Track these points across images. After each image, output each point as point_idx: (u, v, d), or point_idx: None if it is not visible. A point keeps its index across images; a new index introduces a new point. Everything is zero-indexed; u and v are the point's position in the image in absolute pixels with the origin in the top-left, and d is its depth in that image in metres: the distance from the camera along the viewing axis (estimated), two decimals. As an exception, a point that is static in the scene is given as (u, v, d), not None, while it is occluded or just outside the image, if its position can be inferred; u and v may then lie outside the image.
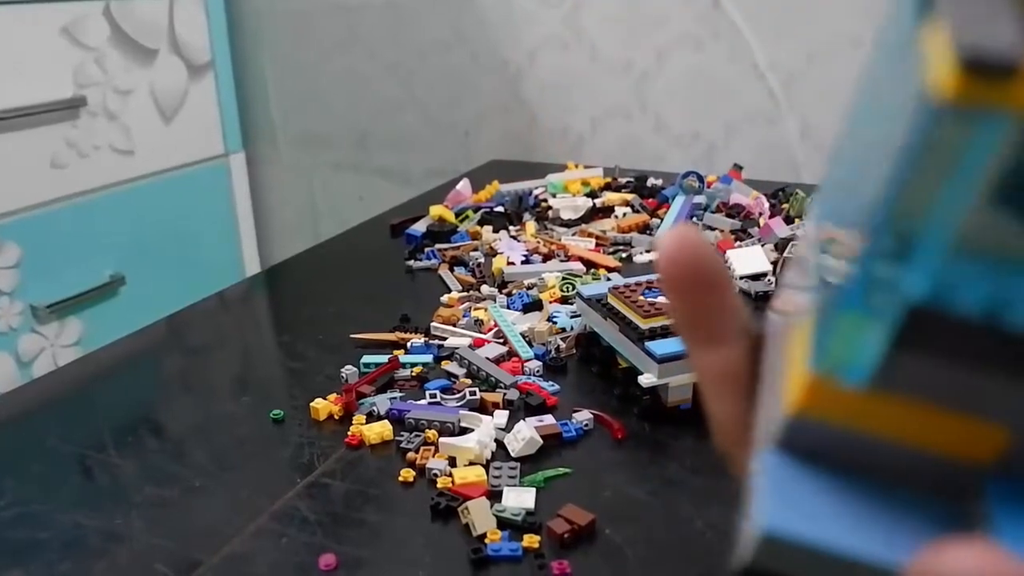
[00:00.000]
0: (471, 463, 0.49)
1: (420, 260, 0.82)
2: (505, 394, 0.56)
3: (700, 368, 0.19)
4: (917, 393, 0.14)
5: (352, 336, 0.65)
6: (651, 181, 1.01)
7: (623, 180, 1.02)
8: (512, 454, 0.50)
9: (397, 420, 0.54)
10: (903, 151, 0.12)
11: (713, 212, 0.88)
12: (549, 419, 0.52)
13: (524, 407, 0.55)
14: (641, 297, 0.55)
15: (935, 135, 0.11)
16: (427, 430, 0.52)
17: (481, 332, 0.65)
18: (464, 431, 0.52)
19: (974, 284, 0.12)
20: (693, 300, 0.18)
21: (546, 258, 0.81)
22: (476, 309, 0.69)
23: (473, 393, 0.55)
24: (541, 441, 0.50)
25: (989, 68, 0.10)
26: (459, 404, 0.55)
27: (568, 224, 0.89)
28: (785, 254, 0.72)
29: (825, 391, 0.14)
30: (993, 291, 0.12)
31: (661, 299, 0.55)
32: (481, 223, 0.90)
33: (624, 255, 0.81)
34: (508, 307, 0.69)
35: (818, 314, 0.15)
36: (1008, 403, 0.13)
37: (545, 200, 0.95)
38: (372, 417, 0.55)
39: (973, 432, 0.14)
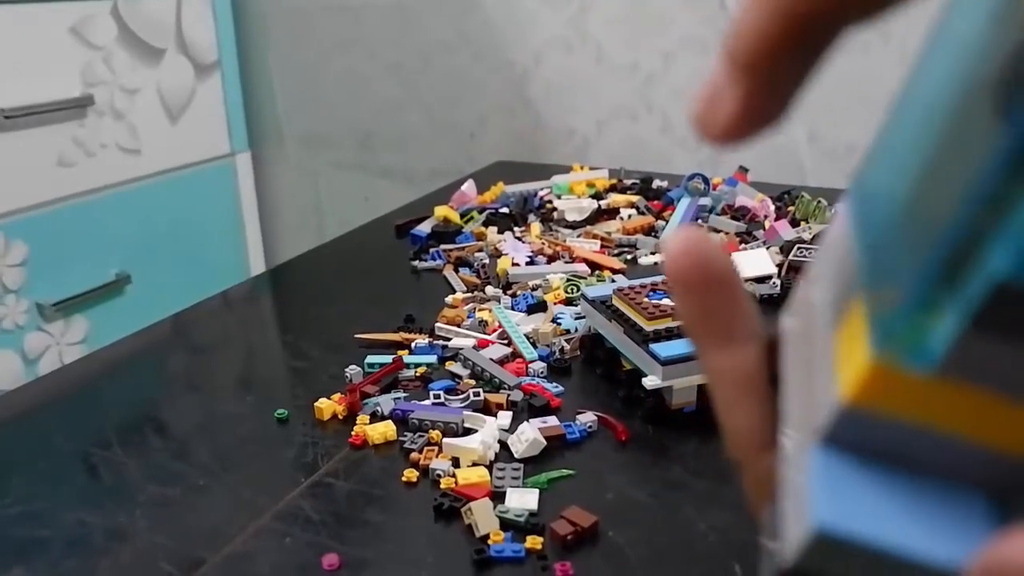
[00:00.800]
0: (474, 464, 0.49)
1: (425, 261, 0.82)
2: (509, 395, 0.56)
3: (713, 372, 0.18)
4: (987, 382, 0.13)
5: (356, 336, 0.66)
6: (656, 183, 1.01)
7: (628, 182, 1.02)
8: (515, 455, 0.50)
9: (401, 420, 0.54)
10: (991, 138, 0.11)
11: (718, 214, 0.88)
12: (553, 420, 0.52)
13: (528, 408, 0.55)
14: (646, 299, 0.55)
15: None
16: (431, 431, 0.52)
17: (485, 333, 0.65)
18: (468, 432, 0.52)
19: None
20: (702, 299, 0.17)
21: (551, 259, 0.81)
22: (480, 310, 0.69)
23: (477, 394, 0.55)
24: (544, 442, 0.50)
25: None
26: (463, 405, 0.55)
27: (573, 225, 0.89)
28: (791, 257, 0.72)
29: (887, 377, 0.13)
30: None
31: (666, 301, 0.55)
32: (486, 224, 0.90)
33: (629, 257, 0.81)
34: (512, 308, 0.69)
35: (876, 302, 0.14)
36: None
37: (550, 201, 0.95)
38: (376, 417, 0.55)
39: None
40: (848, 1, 0.15)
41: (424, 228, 0.88)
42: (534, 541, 0.42)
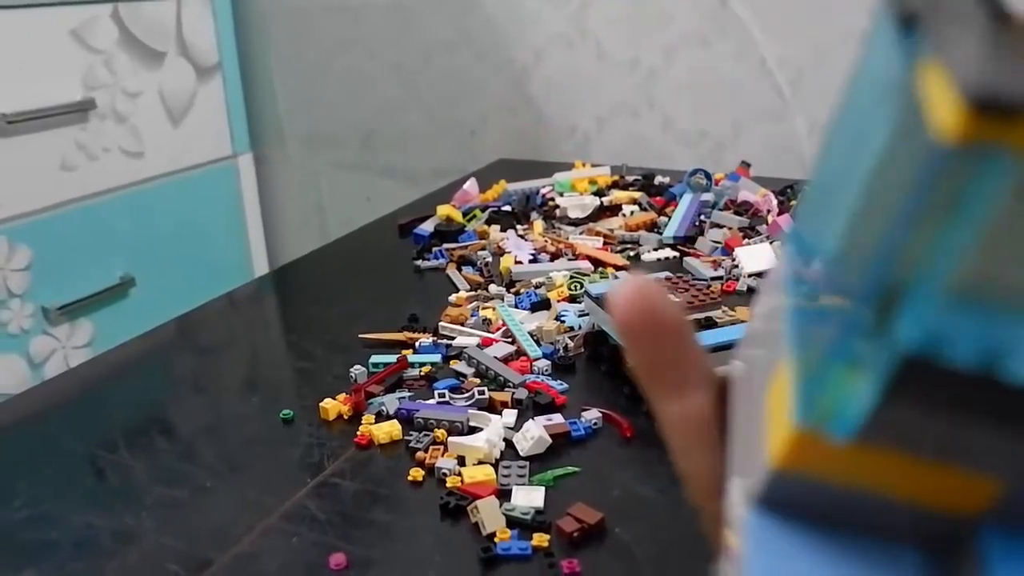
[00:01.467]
0: (480, 462, 0.49)
1: (428, 260, 0.82)
2: (514, 393, 0.56)
3: (667, 420, 0.18)
4: (907, 446, 0.13)
5: (361, 336, 0.66)
6: (659, 179, 1.01)
7: (630, 178, 1.02)
8: (521, 453, 0.50)
9: (406, 420, 0.54)
10: (903, 196, 0.11)
11: (721, 209, 0.88)
12: (558, 418, 0.52)
13: (533, 406, 0.55)
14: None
15: (939, 176, 0.11)
16: (436, 429, 0.52)
17: (489, 331, 0.65)
18: (473, 430, 0.52)
19: (970, 333, 0.12)
20: (653, 349, 0.17)
21: (554, 257, 0.81)
22: (484, 308, 0.69)
23: (482, 392, 0.56)
24: (550, 440, 0.50)
25: (997, 105, 0.10)
26: (468, 403, 0.55)
27: (576, 223, 0.89)
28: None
29: (810, 445, 0.14)
30: (990, 341, 0.12)
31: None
32: (489, 222, 0.90)
33: (632, 253, 0.81)
34: (516, 306, 0.70)
35: (799, 362, 0.14)
36: (1002, 454, 0.13)
37: (552, 199, 0.95)
38: (381, 417, 0.55)
39: (964, 484, 0.13)
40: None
41: (427, 227, 0.88)
42: (541, 539, 0.42)
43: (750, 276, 0.73)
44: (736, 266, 0.75)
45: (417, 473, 0.49)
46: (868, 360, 0.13)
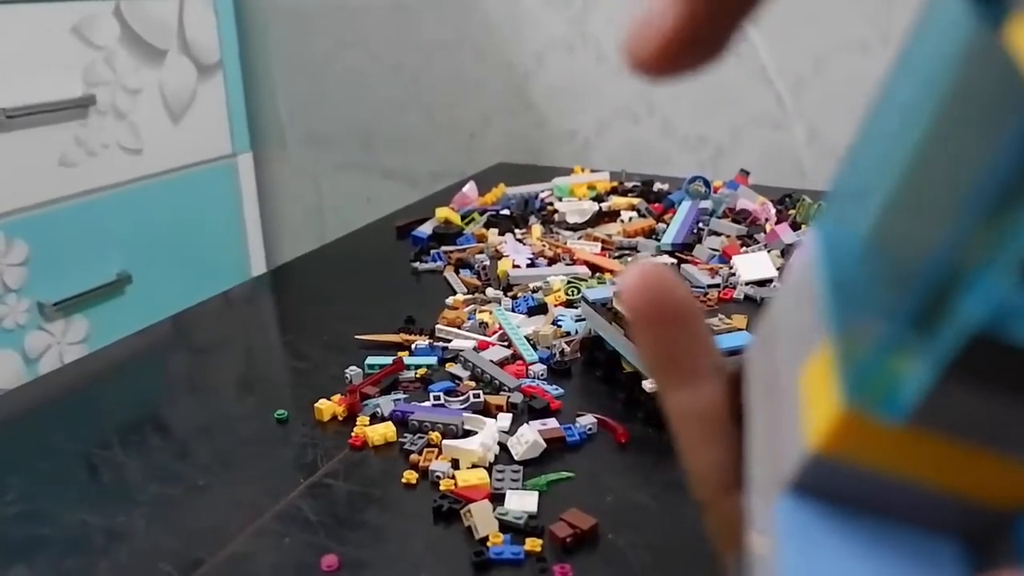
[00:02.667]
0: (474, 466, 0.49)
1: (425, 262, 0.82)
2: (509, 397, 0.56)
3: (676, 410, 0.17)
4: (961, 431, 0.13)
5: (357, 337, 0.66)
6: (657, 185, 1.01)
7: (629, 184, 1.02)
8: (515, 457, 0.50)
9: (401, 422, 0.54)
10: (982, 166, 0.11)
11: (719, 217, 0.88)
12: (552, 423, 0.52)
13: (528, 410, 0.55)
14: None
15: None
16: (430, 432, 0.52)
17: (486, 335, 0.65)
18: (467, 434, 0.52)
19: None
20: (662, 336, 0.16)
21: (551, 261, 0.81)
22: (481, 312, 0.69)
23: (477, 396, 0.55)
24: (544, 444, 0.50)
25: None
26: (463, 406, 0.55)
27: (574, 228, 0.89)
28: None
29: (857, 427, 0.13)
30: None
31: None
32: (487, 226, 0.90)
33: (630, 259, 0.81)
34: (513, 310, 0.70)
35: (845, 346, 0.14)
36: None
37: (551, 203, 0.95)
38: (376, 418, 0.55)
39: (1010, 472, 0.13)
40: None
41: (425, 229, 0.88)
42: (533, 543, 0.42)
43: (748, 284, 0.73)
44: (734, 274, 0.75)
45: (411, 475, 0.48)
46: (925, 341, 0.12)
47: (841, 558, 0.13)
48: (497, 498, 0.46)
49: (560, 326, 0.65)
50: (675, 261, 0.81)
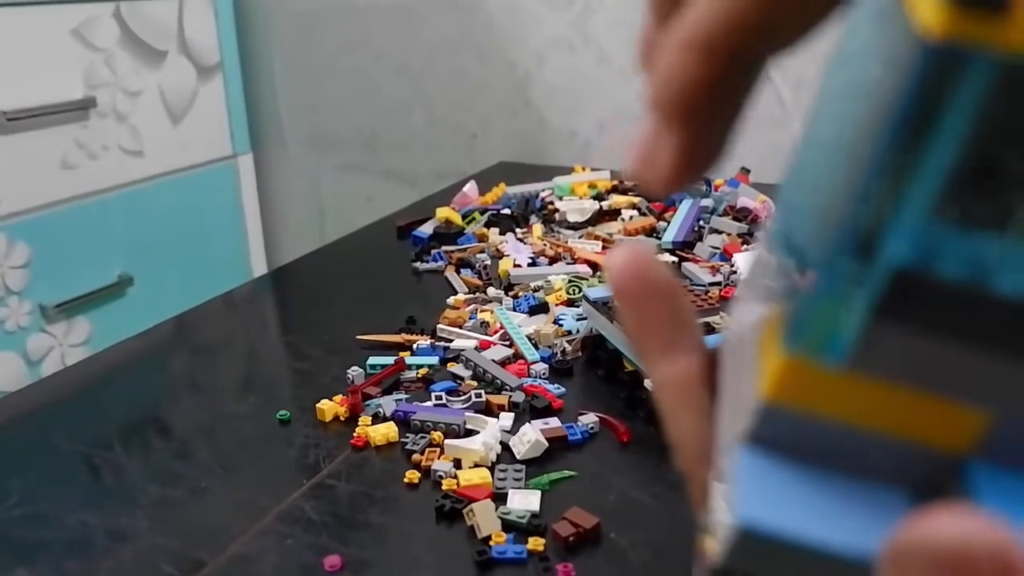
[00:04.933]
0: (476, 465, 0.49)
1: (426, 262, 0.82)
2: (511, 396, 0.56)
3: (658, 381, 0.18)
4: (897, 373, 0.13)
5: (358, 337, 0.66)
6: (658, 184, 1.01)
7: (630, 183, 1.02)
8: (517, 456, 0.50)
9: (403, 422, 0.54)
10: (890, 100, 0.11)
11: (720, 215, 0.88)
12: (555, 422, 0.52)
13: (530, 409, 0.55)
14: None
15: (924, 77, 0.11)
16: (432, 432, 0.52)
17: (487, 334, 0.65)
18: (469, 433, 0.52)
19: (957, 247, 0.12)
20: (645, 310, 0.18)
21: (552, 261, 0.81)
22: (482, 311, 0.69)
23: (479, 395, 0.55)
24: (546, 444, 0.50)
25: (980, 3, 0.10)
26: (465, 406, 0.55)
27: (575, 227, 0.89)
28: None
29: (801, 374, 0.14)
30: (977, 255, 0.12)
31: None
32: (488, 225, 0.90)
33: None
34: (514, 309, 0.69)
35: (789, 300, 0.14)
36: (990, 382, 0.13)
37: (552, 203, 0.95)
38: (378, 418, 0.55)
39: (953, 416, 0.13)
40: (770, 30, 0.15)
41: (426, 229, 0.88)
42: (536, 542, 0.42)
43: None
44: (735, 272, 0.75)
45: (413, 475, 0.48)
46: (861, 278, 0.13)
47: (793, 502, 0.14)
48: (499, 497, 0.46)
49: (561, 325, 0.65)
50: (676, 259, 0.81)
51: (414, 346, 0.64)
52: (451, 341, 0.64)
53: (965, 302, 0.12)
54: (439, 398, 0.56)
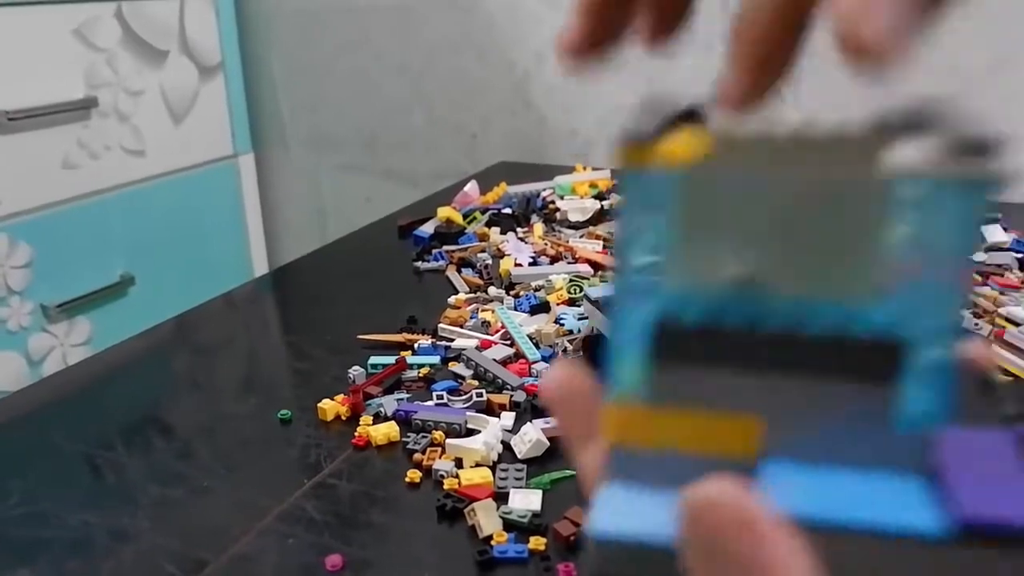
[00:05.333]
0: (477, 464, 0.49)
1: (427, 261, 0.82)
2: (512, 396, 0.56)
3: (581, 465, 0.21)
4: (686, 402, 0.17)
5: (359, 337, 0.66)
6: (659, 183, 1.01)
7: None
8: (518, 456, 0.50)
9: (404, 421, 0.54)
10: (618, 216, 0.17)
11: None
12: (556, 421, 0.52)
13: (531, 409, 0.55)
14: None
15: (626, 194, 0.17)
16: (434, 431, 0.52)
17: (488, 334, 0.65)
18: (471, 432, 0.52)
19: (694, 304, 0.17)
20: (572, 413, 0.21)
21: (553, 260, 0.81)
22: (483, 311, 0.69)
23: (480, 395, 0.55)
24: (548, 443, 0.50)
25: (635, 140, 0.16)
26: (466, 406, 0.55)
27: (576, 226, 0.89)
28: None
29: (625, 417, 0.18)
30: (707, 307, 0.17)
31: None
32: (489, 225, 0.90)
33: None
34: (515, 309, 0.69)
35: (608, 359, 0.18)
36: (750, 393, 0.17)
37: (553, 202, 0.95)
38: (379, 418, 0.55)
39: (735, 427, 0.17)
40: None
41: (427, 229, 0.88)
42: (537, 542, 0.42)
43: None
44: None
45: (414, 475, 0.48)
46: (637, 334, 0.17)
47: (636, 514, 0.17)
48: (501, 497, 0.46)
49: (563, 324, 0.65)
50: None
51: (415, 345, 0.64)
52: (452, 340, 0.64)
53: (710, 337, 0.17)
54: (440, 397, 0.56)
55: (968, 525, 0.15)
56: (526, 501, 0.46)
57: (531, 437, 0.50)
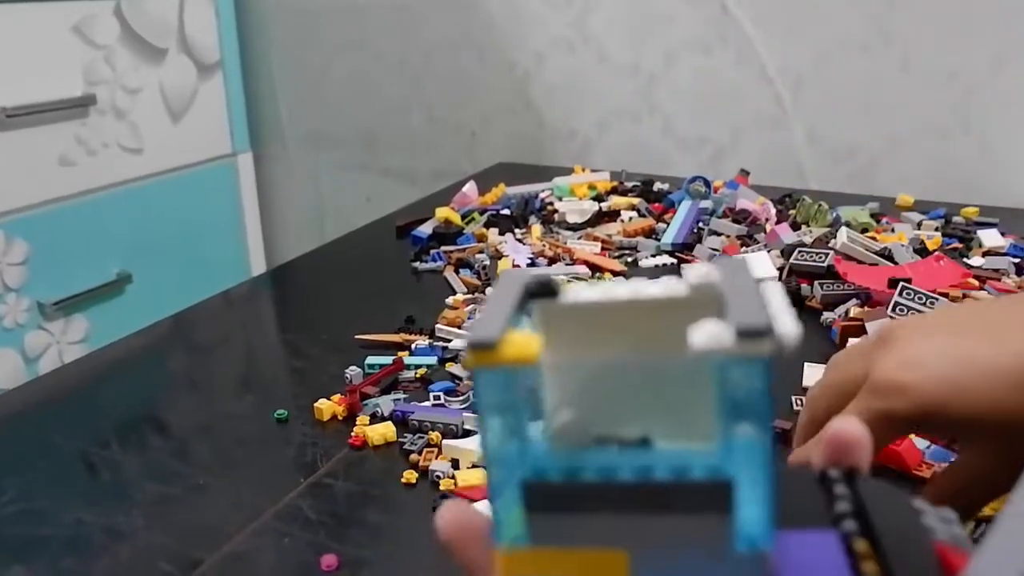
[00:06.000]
0: (474, 465, 0.49)
1: (425, 262, 0.82)
2: (509, 397, 0.56)
3: None
4: (561, 541, 0.20)
5: (357, 337, 0.66)
6: (657, 185, 1.01)
7: (629, 184, 1.02)
8: (515, 457, 0.50)
9: (401, 421, 0.54)
10: (476, 409, 0.20)
11: (719, 217, 0.88)
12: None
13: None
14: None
15: (480, 390, 0.20)
16: (430, 432, 0.52)
17: (486, 334, 0.65)
18: (468, 433, 0.52)
19: (555, 463, 0.20)
20: (473, 552, 0.23)
21: (551, 261, 0.81)
22: (481, 311, 0.69)
23: (477, 395, 0.55)
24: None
25: (478, 345, 0.19)
26: (463, 406, 0.55)
27: (574, 227, 0.89)
28: (792, 260, 0.72)
29: (512, 559, 0.20)
30: (567, 464, 0.20)
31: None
32: (487, 225, 0.90)
33: (630, 259, 0.81)
34: (513, 310, 0.69)
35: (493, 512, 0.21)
36: (611, 529, 0.19)
37: (551, 203, 0.95)
38: (376, 418, 0.55)
39: (606, 559, 0.20)
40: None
41: (425, 229, 0.88)
42: (533, 543, 0.42)
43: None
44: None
45: (411, 475, 0.48)
46: (513, 490, 0.20)
47: None
48: (497, 498, 0.46)
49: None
50: (675, 260, 0.81)
51: (413, 346, 0.64)
52: (450, 341, 0.64)
53: (573, 489, 0.19)
54: (437, 398, 0.56)
55: None
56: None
57: (528, 438, 0.50)
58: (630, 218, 0.91)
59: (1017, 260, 0.76)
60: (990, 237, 0.80)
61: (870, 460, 0.22)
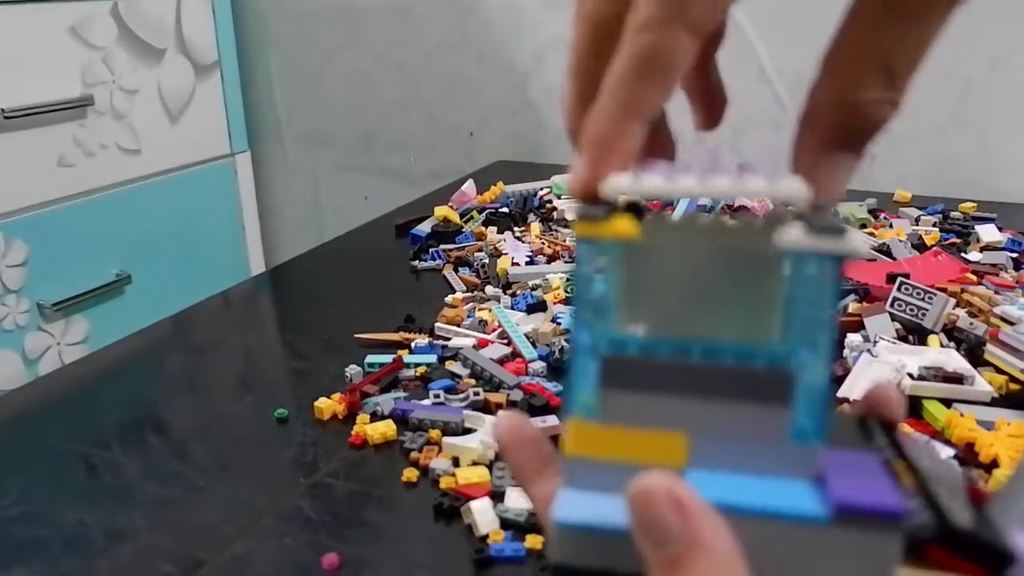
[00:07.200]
0: (474, 463, 0.49)
1: (425, 260, 0.82)
2: (509, 395, 0.56)
3: (535, 498, 0.25)
4: (630, 419, 0.21)
5: (356, 336, 0.66)
6: (656, 183, 1.01)
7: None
8: (515, 455, 0.50)
9: (401, 420, 0.54)
10: (573, 276, 0.22)
11: (718, 214, 0.88)
12: (553, 420, 0.52)
13: (528, 408, 0.55)
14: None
15: (580, 258, 0.21)
16: (430, 430, 0.52)
17: (485, 333, 0.65)
18: (467, 431, 0.52)
19: (634, 341, 0.21)
20: (522, 454, 0.25)
21: (550, 259, 0.81)
22: (480, 310, 0.69)
23: (477, 393, 0.55)
24: (544, 442, 0.50)
25: (584, 217, 0.21)
26: (463, 404, 0.55)
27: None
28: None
29: (582, 433, 0.22)
30: (644, 343, 0.21)
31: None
32: (486, 224, 0.90)
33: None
34: (512, 308, 0.69)
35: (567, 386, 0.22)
36: (679, 415, 0.21)
37: (550, 201, 0.95)
38: (376, 417, 0.55)
39: (667, 442, 0.21)
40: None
41: (424, 228, 0.88)
42: (534, 540, 0.42)
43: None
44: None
45: (411, 474, 0.48)
46: (591, 363, 0.22)
47: (591, 509, 0.21)
48: (497, 496, 0.46)
49: (559, 323, 0.65)
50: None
51: (412, 344, 0.64)
52: (449, 339, 0.64)
53: (645, 367, 0.21)
54: (437, 396, 0.56)
55: (842, 509, 0.19)
56: (523, 500, 0.46)
57: (528, 436, 0.50)
58: (629, 216, 0.91)
59: (1015, 255, 0.76)
60: (988, 232, 0.80)
61: (903, 416, 0.24)
